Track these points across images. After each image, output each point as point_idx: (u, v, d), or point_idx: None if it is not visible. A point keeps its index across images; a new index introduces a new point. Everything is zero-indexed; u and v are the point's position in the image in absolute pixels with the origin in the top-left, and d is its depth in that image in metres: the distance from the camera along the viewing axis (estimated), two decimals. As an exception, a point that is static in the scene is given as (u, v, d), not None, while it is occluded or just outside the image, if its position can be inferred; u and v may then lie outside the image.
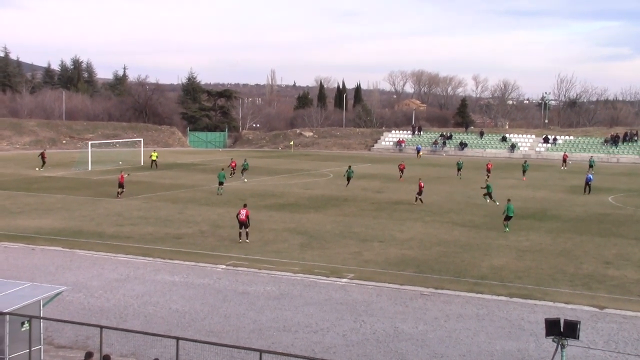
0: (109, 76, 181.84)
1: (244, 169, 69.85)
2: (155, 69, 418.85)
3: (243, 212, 37.20)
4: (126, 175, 56.63)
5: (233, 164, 70.82)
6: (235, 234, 38.88)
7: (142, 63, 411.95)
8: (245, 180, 66.04)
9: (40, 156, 76.73)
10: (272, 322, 24.19)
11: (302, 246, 36.54)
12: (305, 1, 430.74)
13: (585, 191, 60.85)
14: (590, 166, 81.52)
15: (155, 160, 78.35)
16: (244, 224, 37.11)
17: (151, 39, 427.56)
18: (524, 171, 73.32)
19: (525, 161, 78.21)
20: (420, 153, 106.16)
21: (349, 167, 65.27)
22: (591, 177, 63.08)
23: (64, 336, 22.12)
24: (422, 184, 53.12)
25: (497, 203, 50.30)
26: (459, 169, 74.62)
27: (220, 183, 56.07)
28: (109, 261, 32.75)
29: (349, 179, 63.10)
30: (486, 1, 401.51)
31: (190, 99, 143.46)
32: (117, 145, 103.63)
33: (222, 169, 57.49)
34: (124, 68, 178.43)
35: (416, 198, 52.60)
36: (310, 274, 30.70)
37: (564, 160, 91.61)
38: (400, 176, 69.40)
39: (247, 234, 37.30)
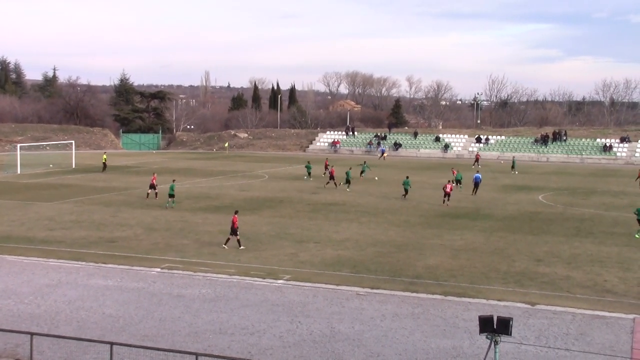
0: (38, 77, 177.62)
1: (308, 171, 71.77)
2: (86, 70, 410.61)
3: (232, 218, 36.71)
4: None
5: (327, 162, 73.71)
6: (169, 238, 38.65)
7: (73, 64, 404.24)
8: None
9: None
10: (208, 325, 23.99)
11: (238, 248, 36.34)
12: (239, 2, 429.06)
13: (473, 191, 59.28)
14: (512, 167, 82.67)
15: (105, 162, 77.47)
16: (233, 230, 36.38)
17: (82, 40, 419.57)
18: (457, 180, 64.59)
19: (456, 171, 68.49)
20: (385, 154, 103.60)
21: (364, 163, 61.57)
22: (479, 176, 61.24)
23: (-8, 344, 21.53)
24: (449, 187, 53.48)
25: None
26: (458, 181, 63.61)
27: (171, 195, 50.33)
28: (40, 266, 32.04)
29: (407, 191, 56.16)
30: (421, 3, 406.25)
31: (123, 100, 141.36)
32: (48, 148, 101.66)
33: (174, 180, 54.31)
34: (54, 69, 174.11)
35: (444, 201, 53.00)
36: (246, 276, 30.57)
37: (477, 160, 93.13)
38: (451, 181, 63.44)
39: (231, 240, 36.40)
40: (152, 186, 54.44)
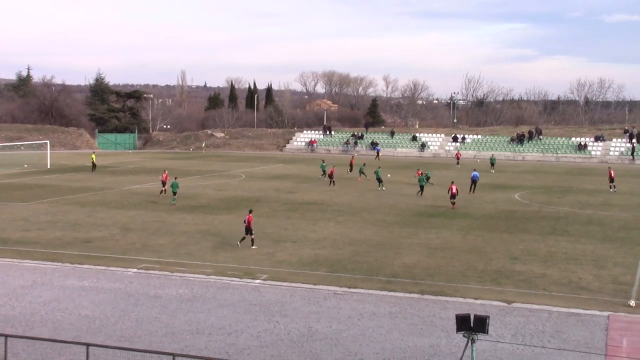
0: (12, 77, 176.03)
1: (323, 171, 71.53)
2: (61, 69, 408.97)
3: (247, 217, 36.53)
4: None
5: (352, 161, 74.40)
6: (146, 238, 38.45)
7: (47, 63, 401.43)
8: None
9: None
10: (185, 325, 23.90)
11: (215, 248, 36.25)
12: (215, 2, 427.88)
13: (470, 190, 60.09)
14: (492, 164, 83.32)
15: (94, 162, 77.12)
16: (248, 229, 36.31)
17: (56, 39, 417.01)
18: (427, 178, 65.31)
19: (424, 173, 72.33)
20: (380, 154, 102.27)
21: (364, 165, 65.14)
22: (477, 174, 62.17)
23: (-34, 346, 21.29)
24: (454, 188, 51.54)
25: None
26: (427, 178, 63.47)
27: (175, 193, 51.75)
28: (14, 267, 31.74)
29: (423, 188, 58.32)
30: (398, 3, 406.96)
31: (99, 100, 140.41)
32: (22, 148, 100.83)
33: (175, 178, 54.94)
34: (28, 68, 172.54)
35: (453, 203, 51.15)
36: (223, 276, 30.49)
37: (458, 159, 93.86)
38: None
39: (252, 240, 36.31)
40: (164, 183, 55.74)
